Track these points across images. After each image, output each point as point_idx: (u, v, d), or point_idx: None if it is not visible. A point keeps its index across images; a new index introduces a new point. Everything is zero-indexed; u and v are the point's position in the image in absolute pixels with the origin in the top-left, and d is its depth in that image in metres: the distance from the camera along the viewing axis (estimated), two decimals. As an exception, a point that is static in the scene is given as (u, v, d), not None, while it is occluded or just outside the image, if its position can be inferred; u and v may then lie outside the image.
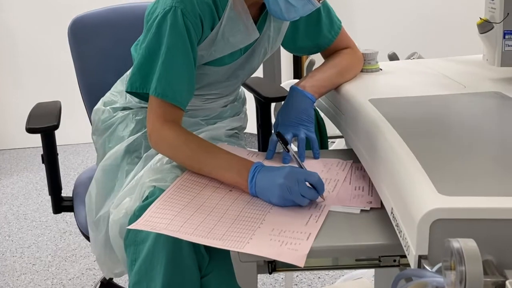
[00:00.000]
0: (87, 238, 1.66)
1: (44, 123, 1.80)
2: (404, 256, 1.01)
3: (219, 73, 1.61)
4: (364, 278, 2.28)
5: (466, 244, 0.78)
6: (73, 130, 3.70)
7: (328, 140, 1.88)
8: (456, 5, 3.34)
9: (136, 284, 1.36)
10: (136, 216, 1.33)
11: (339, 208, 1.29)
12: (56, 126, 1.79)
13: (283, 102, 1.64)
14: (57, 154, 1.84)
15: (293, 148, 1.59)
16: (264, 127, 2.04)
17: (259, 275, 1.22)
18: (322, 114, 1.83)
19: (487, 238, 0.87)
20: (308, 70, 2.15)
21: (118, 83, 1.80)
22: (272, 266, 1.20)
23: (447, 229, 0.89)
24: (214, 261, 1.38)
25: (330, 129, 1.83)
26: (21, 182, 3.68)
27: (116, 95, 1.76)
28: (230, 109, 1.76)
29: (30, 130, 1.77)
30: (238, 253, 1.15)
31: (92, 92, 2.00)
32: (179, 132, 1.46)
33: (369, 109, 1.38)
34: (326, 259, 1.22)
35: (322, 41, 1.72)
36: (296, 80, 1.68)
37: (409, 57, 2.14)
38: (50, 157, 1.82)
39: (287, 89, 1.66)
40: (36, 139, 1.82)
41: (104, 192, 1.59)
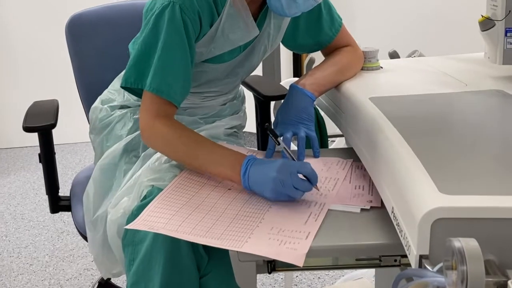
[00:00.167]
0: (85, 238, 1.66)
1: (41, 122, 1.79)
2: (405, 256, 1.01)
3: (218, 71, 1.61)
4: (364, 278, 2.28)
5: (468, 244, 0.77)
6: (70, 129, 3.70)
7: (328, 139, 1.88)
8: (457, 3, 3.34)
9: (134, 285, 1.36)
10: (134, 215, 1.33)
11: (339, 207, 1.29)
12: (54, 125, 1.79)
13: (282, 101, 1.64)
14: (55, 153, 1.84)
15: (293, 147, 1.59)
16: (263, 125, 2.03)
17: (258, 275, 1.21)
18: (322, 113, 1.83)
19: (489, 238, 0.87)
20: (308, 68, 2.15)
21: (115, 81, 1.79)
22: (272, 265, 1.19)
23: (448, 229, 0.89)
24: (213, 261, 1.38)
25: (330, 127, 1.83)
26: (18, 181, 3.68)
27: (114, 93, 1.76)
28: (229, 107, 1.76)
29: (27, 129, 1.77)
30: (237, 252, 1.14)
31: (90, 91, 2.00)
32: (172, 126, 1.45)
33: (369, 107, 1.38)
34: (326, 259, 1.22)
35: (323, 38, 1.72)
36: (296, 78, 1.68)
37: (410, 55, 2.14)
38: (47, 156, 1.82)
39: (287, 88, 1.66)
40: (33, 138, 1.82)
41: (102, 191, 1.59)
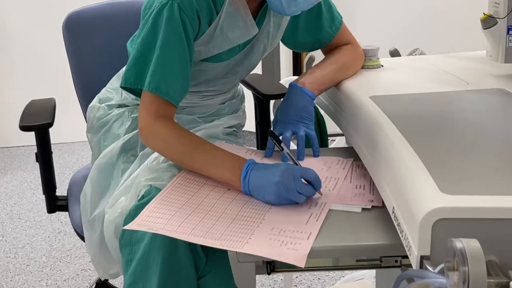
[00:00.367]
0: (82, 238, 1.66)
1: (38, 121, 1.79)
2: (406, 257, 1.01)
3: (217, 70, 1.61)
4: (365, 279, 2.28)
5: (469, 244, 0.77)
6: (68, 128, 3.70)
7: (328, 138, 1.88)
8: (459, 0, 3.33)
9: (132, 285, 1.36)
10: (132, 215, 1.33)
11: (340, 206, 1.29)
12: (50, 124, 1.79)
13: (282, 100, 1.63)
14: (51, 153, 1.84)
15: (293, 146, 1.59)
16: (262, 124, 2.03)
17: (257, 276, 1.21)
18: (322, 112, 1.83)
19: (490, 238, 0.87)
20: (308, 67, 2.15)
21: (113, 79, 1.79)
22: (271, 266, 1.20)
23: (449, 229, 0.89)
24: (211, 261, 1.38)
25: (330, 126, 1.83)
26: (15, 181, 3.68)
27: (111, 92, 1.76)
28: (228, 106, 1.76)
29: (23, 128, 1.77)
30: (236, 253, 1.14)
31: (87, 89, 2.00)
32: (172, 128, 1.45)
33: (370, 106, 1.38)
34: (326, 260, 1.22)
35: (323, 36, 1.72)
36: (296, 77, 1.68)
37: (411, 53, 2.14)
38: (44, 156, 1.82)
39: (287, 86, 1.66)
40: (30, 137, 1.82)
41: (99, 191, 1.59)
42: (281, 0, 1.46)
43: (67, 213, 1.85)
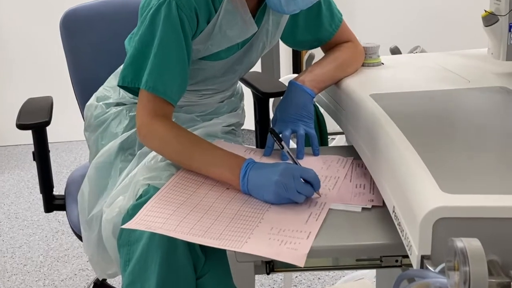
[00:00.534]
0: (80, 237, 1.66)
1: (35, 119, 1.79)
2: (407, 256, 1.01)
3: (216, 68, 1.61)
4: (365, 279, 2.28)
5: (470, 244, 0.77)
6: (65, 126, 3.70)
7: (328, 136, 1.88)
8: (460, -2, 3.34)
9: (130, 285, 1.36)
10: (130, 215, 1.33)
11: (340, 206, 1.29)
12: (48, 122, 1.79)
13: (281, 98, 1.63)
14: (49, 151, 1.84)
15: (292, 145, 1.58)
16: (262, 123, 2.03)
17: (257, 276, 1.21)
18: (322, 110, 1.83)
19: (492, 238, 0.87)
20: (308, 65, 2.15)
21: (111, 77, 1.79)
22: (270, 266, 1.20)
23: (450, 228, 0.89)
24: (210, 261, 1.38)
25: (330, 125, 1.83)
26: (12, 180, 3.67)
27: (109, 90, 1.76)
28: (227, 104, 1.75)
29: (20, 127, 1.77)
30: (235, 252, 1.14)
31: (85, 87, 2.00)
32: (170, 126, 1.45)
33: (370, 104, 1.38)
34: (326, 259, 1.22)
35: (323, 34, 1.72)
36: (295, 75, 1.68)
37: (411, 51, 2.14)
38: (42, 154, 1.82)
39: (286, 84, 1.65)
40: (27, 136, 1.82)
41: (97, 190, 1.59)
42: None
43: (64, 212, 1.85)
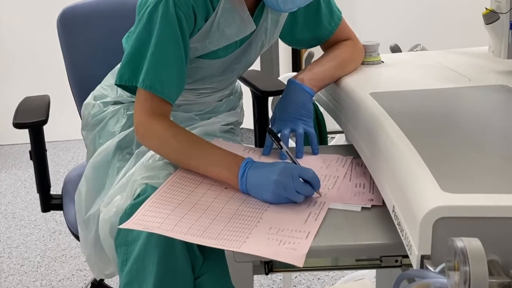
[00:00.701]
0: (77, 237, 1.66)
1: (32, 118, 1.79)
2: (406, 256, 1.01)
3: (214, 67, 1.61)
4: (365, 279, 2.28)
5: (470, 244, 0.77)
6: (62, 125, 3.70)
7: (328, 135, 1.88)
8: (461, -4, 3.34)
9: (127, 285, 1.36)
10: (127, 214, 1.33)
11: (339, 205, 1.29)
12: (45, 121, 1.79)
13: (280, 96, 1.63)
14: (46, 150, 1.84)
15: (292, 143, 1.58)
16: (261, 122, 2.03)
17: (256, 276, 1.21)
18: (321, 109, 1.83)
19: (492, 237, 0.87)
20: (307, 63, 2.15)
21: (109, 76, 1.79)
22: (269, 266, 1.20)
23: (450, 228, 0.89)
24: (208, 261, 1.37)
25: (329, 124, 1.83)
26: (9, 179, 3.67)
27: (106, 89, 1.76)
28: (226, 103, 1.75)
29: (17, 126, 1.77)
30: (233, 252, 1.14)
31: (82, 86, 2.00)
32: (168, 126, 1.45)
33: (370, 103, 1.38)
34: (326, 259, 1.22)
35: (322, 33, 1.71)
36: (295, 73, 1.68)
37: (412, 49, 2.14)
38: (38, 154, 1.82)
39: (285, 83, 1.65)
40: (24, 135, 1.82)
41: (94, 190, 1.59)
42: None
43: (62, 212, 1.85)
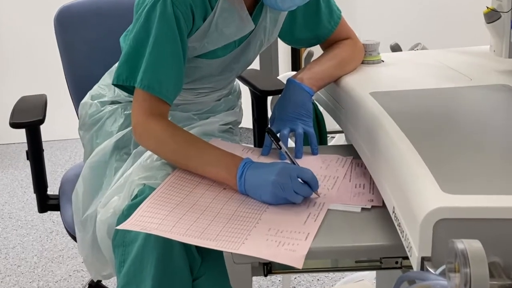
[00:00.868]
0: (74, 238, 1.66)
1: (29, 118, 1.79)
2: (407, 258, 1.01)
3: (212, 66, 1.61)
4: (365, 281, 2.28)
5: (471, 245, 0.77)
6: (59, 125, 3.69)
7: (327, 135, 1.88)
8: (461, -6, 3.33)
9: (125, 287, 1.36)
10: (125, 215, 1.33)
11: (339, 206, 1.29)
12: (42, 121, 1.79)
13: (279, 96, 1.63)
14: (43, 150, 1.84)
15: (291, 143, 1.58)
16: (260, 121, 2.03)
17: (255, 278, 1.21)
18: (321, 108, 1.83)
19: (493, 239, 0.87)
20: (306, 62, 2.15)
21: (106, 75, 1.79)
22: (268, 268, 1.19)
23: (451, 230, 0.89)
24: (206, 263, 1.38)
25: (329, 123, 1.83)
26: (6, 179, 3.67)
27: (104, 88, 1.75)
28: (224, 103, 1.75)
29: (14, 125, 1.77)
30: (232, 254, 1.14)
31: (80, 85, 1.99)
32: (166, 126, 1.45)
33: (370, 102, 1.38)
34: (325, 261, 1.22)
35: (321, 32, 1.71)
36: (294, 72, 1.67)
37: (412, 48, 2.14)
38: (35, 153, 1.82)
39: (285, 82, 1.65)
40: (21, 134, 1.82)
41: (92, 190, 1.59)
42: None
43: (59, 212, 1.84)
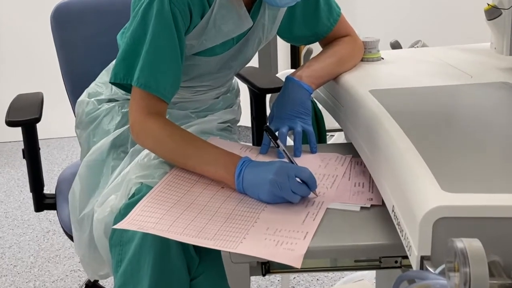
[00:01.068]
0: (71, 238, 1.66)
1: (25, 116, 1.79)
2: (406, 257, 1.01)
3: (210, 64, 1.61)
4: (365, 280, 2.28)
5: (471, 244, 0.77)
6: (56, 123, 3.69)
7: (327, 133, 1.88)
8: (462, -10, 3.33)
9: (122, 287, 1.36)
10: (122, 214, 1.33)
11: (338, 205, 1.29)
12: (38, 119, 1.79)
13: (278, 94, 1.63)
14: (39, 149, 1.83)
15: (290, 142, 1.58)
16: (258, 119, 2.03)
17: (254, 277, 1.21)
18: (320, 106, 1.83)
19: (493, 238, 0.87)
20: (306, 59, 2.15)
21: (103, 73, 1.79)
22: (266, 267, 1.20)
23: (451, 228, 0.89)
24: (204, 262, 1.38)
25: (328, 122, 1.83)
26: (2, 178, 3.67)
27: (101, 86, 1.75)
28: (222, 101, 1.75)
29: (10, 123, 1.77)
30: (230, 253, 1.14)
31: (76, 83, 1.99)
32: (163, 125, 1.45)
33: (369, 100, 1.38)
34: (324, 260, 1.22)
35: (320, 29, 1.71)
36: (293, 70, 1.67)
37: (412, 46, 2.14)
38: (31, 152, 1.82)
39: (284, 80, 1.65)
40: (17, 133, 1.82)
41: (88, 189, 1.59)
42: None
43: (55, 211, 1.84)
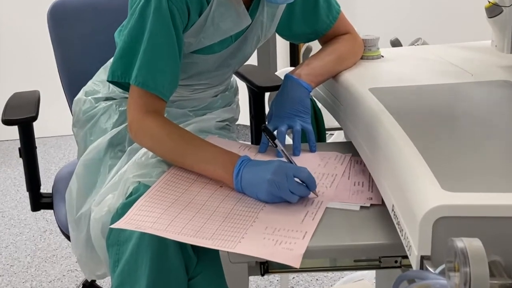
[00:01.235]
0: (68, 237, 1.66)
1: (21, 114, 1.79)
2: (406, 257, 1.01)
3: (209, 62, 1.61)
4: (365, 280, 2.28)
5: (471, 244, 0.77)
6: (53, 121, 3.69)
7: (326, 132, 1.88)
8: (463, -12, 3.33)
9: (119, 287, 1.36)
10: (119, 214, 1.33)
11: (337, 204, 1.29)
12: (34, 118, 1.79)
13: (277, 92, 1.63)
14: (36, 148, 1.83)
15: (289, 140, 1.58)
16: (257, 118, 2.03)
17: (252, 277, 1.21)
18: (319, 105, 1.83)
19: (494, 238, 0.87)
20: (305, 57, 2.15)
21: (100, 71, 1.79)
22: (265, 267, 1.20)
23: (451, 228, 0.89)
24: (202, 262, 1.38)
25: (328, 120, 1.83)
26: (-1, 177, 3.68)
27: (98, 85, 1.75)
28: (221, 99, 1.75)
29: (6, 122, 1.77)
30: (228, 253, 1.14)
31: (73, 81, 1.99)
32: (162, 123, 1.45)
33: (369, 99, 1.38)
34: (323, 260, 1.22)
35: (320, 26, 1.71)
36: (293, 68, 1.67)
37: (413, 43, 2.13)
38: (28, 151, 1.82)
39: (283, 78, 1.65)
40: (13, 131, 1.82)
41: (86, 188, 1.59)
42: None
43: (52, 211, 1.84)
